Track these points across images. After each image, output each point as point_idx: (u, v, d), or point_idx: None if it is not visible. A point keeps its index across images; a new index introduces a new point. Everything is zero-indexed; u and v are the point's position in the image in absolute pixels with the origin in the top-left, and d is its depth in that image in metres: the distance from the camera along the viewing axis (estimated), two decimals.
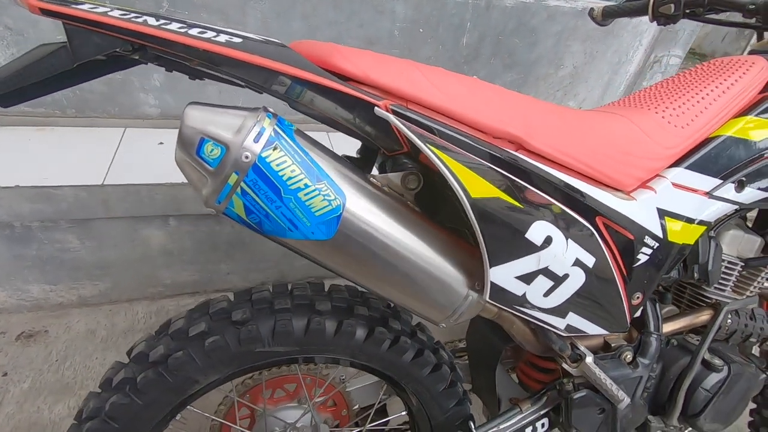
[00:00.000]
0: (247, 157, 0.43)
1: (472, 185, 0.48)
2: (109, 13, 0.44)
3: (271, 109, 0.49)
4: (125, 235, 1.30)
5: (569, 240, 0.56)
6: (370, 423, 0.91)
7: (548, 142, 0.57)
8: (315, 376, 0.86)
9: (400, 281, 0.53)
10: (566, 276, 0.57)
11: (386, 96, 0.50)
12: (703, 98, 0.71)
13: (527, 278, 0.54)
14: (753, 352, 0.93)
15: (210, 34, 0.46)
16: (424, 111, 0.51)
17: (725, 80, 0.73)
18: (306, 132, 0.52)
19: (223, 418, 0.84)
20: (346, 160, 0.51)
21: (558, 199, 0.55)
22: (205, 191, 0.45)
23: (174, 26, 0.46)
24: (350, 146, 0.65)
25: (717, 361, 0.78)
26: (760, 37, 1.01)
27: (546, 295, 0.57)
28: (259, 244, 1.49)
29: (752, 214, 0.87)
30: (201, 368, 0.62)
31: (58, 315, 1.38)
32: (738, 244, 0.84)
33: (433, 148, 0.47)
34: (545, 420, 0.79)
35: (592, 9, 1.14)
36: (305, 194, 0.45)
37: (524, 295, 0.56)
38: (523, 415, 0.78)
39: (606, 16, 1.12)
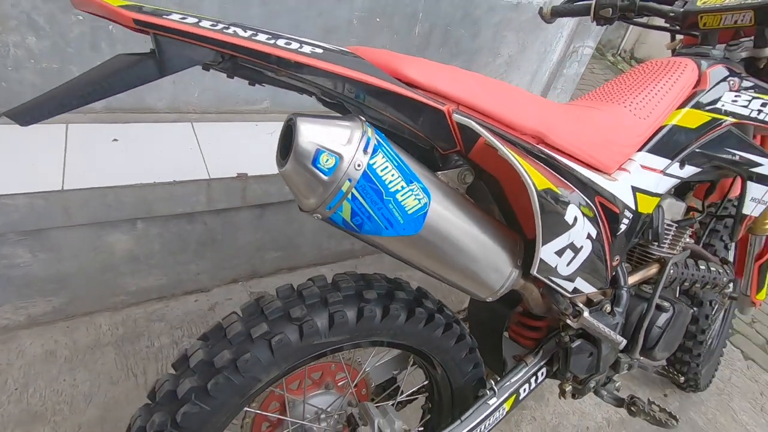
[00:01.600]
0: (359, 166, 0.46)
1: (536, 178, 0.57)
2: (201, 24, 0.44)
3: (362, 117, 0.52)
4: (86, 243, 1.18)
5: (585, 218, 0.68)
6: (385, 397, 0.98)
7: (563, 137, 0.68)
8: (340, 363, 0.91)
9: (463, 264, 0.60)
10: (582, 247, 0.70)
11: (448, 102, 0.56)
12: (656, 93, 0.87)
13: (560, 252, 0.65)
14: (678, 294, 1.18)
15: (295, 45, 0.48)
16: (479, 116, 0.58)
17: (670, 78, 0.90)
18: None
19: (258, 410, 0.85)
20: (420, 163, 0.56)
21: (576, 185, 0.67)
22: (314, 199, 0.47)
23: (263, 37, 0.46)
24: None
25: (665, 304, 0.99)
26: (672, 38, 1.24)
27: (568, 264, 0.69)
28: (231, 240, 1.45)
29: None
30: (265, 367, 0.63)
31: (4, 340, 1.21)
32: (671, 209, 1.04)
33: (509, 150, 0.54)
34: (543, 370, 0.94)
35: (541, 8, 1.28)
36: (401, 195, 0.50)
37: (556, 266, 0.67)
38: (527, 367, 0.92)
39: (553, 15, 1.27)
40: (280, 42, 0.47)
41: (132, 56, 0.44)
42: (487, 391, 0.85)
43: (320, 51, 0.49)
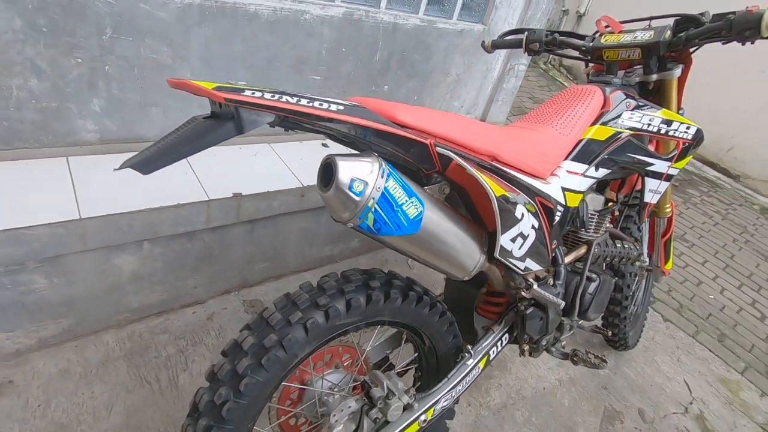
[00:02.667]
0: (379, 189, 0.67)
1: (494, 187, 0.80)
2: (265, 96, 0.63)
3: (376, 153, 0.72)
4: (96, 266, 1.28)
5: (529, 213, 0.93)
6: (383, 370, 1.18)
7: (510, 154, 0.92)
8: (346, 345, 1.10)
9: (447, 253, 0.83)
10: (528, 236, 0.94)
11: (429, 136, 0.78)
12: (574, 115, 1.15)
13: (513, 240, 0.89)
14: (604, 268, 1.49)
15: (325, 105, 0.67)
16: (450, 144, 0.80)
17: (583, 103, 1.18)
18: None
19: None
20: (415, 182, 0.77)
21: (522, 189, 0.91)
22: (348, 213, 0.67)
23: (304, 102, 0.65)
24: None
25: (593, 276, 1.27)
26: (586, 65, 1.54)
27: (520, 248, 0.93)
28: (225, 254, 1.59)
29: None
30: (302, 344, 0.82)
31: (16, 363, 1.28)
32: (593, 202, 1.34)
33: (474, 169, 0.77)
34: (506, 335, 1.18)
35: (483, 41, 1.56)
36: (406, 206, 0.71)
37: (511, 250, 0.91)
38: (494, 334, 1.16)
39: (493, 47, 1.55)
40: (315, 104, 0.67)
41: (212, 121, 0.61)
42: (465, 354, 1.08)
43: (342, 107, 0.69)
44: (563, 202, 1.06)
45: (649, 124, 1.24)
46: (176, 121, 1.54)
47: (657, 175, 1.31)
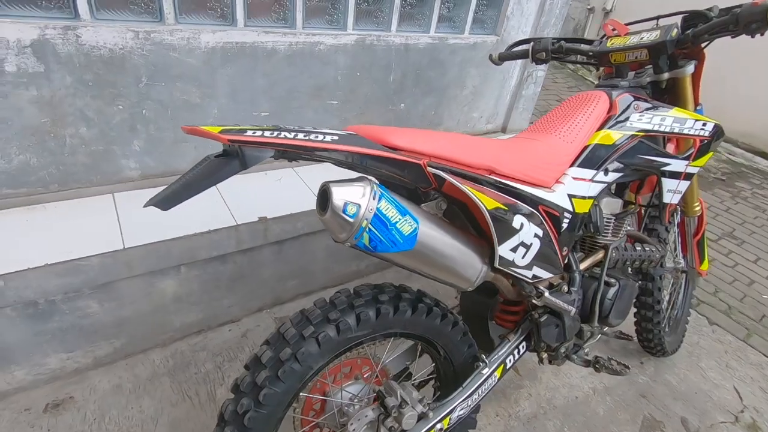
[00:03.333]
0: (371, 210, 0.73)
1: (486, 201, 0.84)
2: (265, 134, 0.70)
3: (371, 177, 0.78)
4: (142, 290, 1.42)
5: (530, 223, 0.95)
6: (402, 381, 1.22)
7: (508, 166, 0.95)
8: (365, 357, 1.15)
9: (447, 265, 0.87)
10: (531, 244, 0.96)
11: (423, 156, 0.83)
12: (578, 122, 1.16)
13: (514, 249, 0.92)
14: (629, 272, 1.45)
15: (320, 136, 0.74)
16: (444, 162, 0.85)
17: (587, 109, 1.19)
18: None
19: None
20: (410, 200, 0.83)
21: (520, 200, 0.94)
22: (344, 234, 0.73)
23: (301, 135, 0.73)
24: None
25: (612, 281, 1.25)
26: (597, 69, 1.54)
27: (523, 257, 0.96)
28: (257, 274, 1.69)
29: None
30: (315, 357, 0.88)
31: (77, 381, 1.43)
32: (609, 206, 1.32)
33: (465, 185, 0.81)
34: (523, 344, 1.19)
35: (491, 54, 1.59)
36: (400, 224, 0.76)
37: (513, 260, 0.93)
38: (510, 343, 1.17)
39: (501, 59, 1.58)
40: (311, 136, 0.74)
41: (222, 158, 0.70)
42: (481, 364, 1.10)
43: (336, 137, 0.76)
44: (570, 209, 1.07)
45: (660, 125, 1.22)
46: (205, 153, 1.68)
47: (675, 175, 1.28)
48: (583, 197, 1.11)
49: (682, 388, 1.78)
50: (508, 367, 1.16)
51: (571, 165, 1.10)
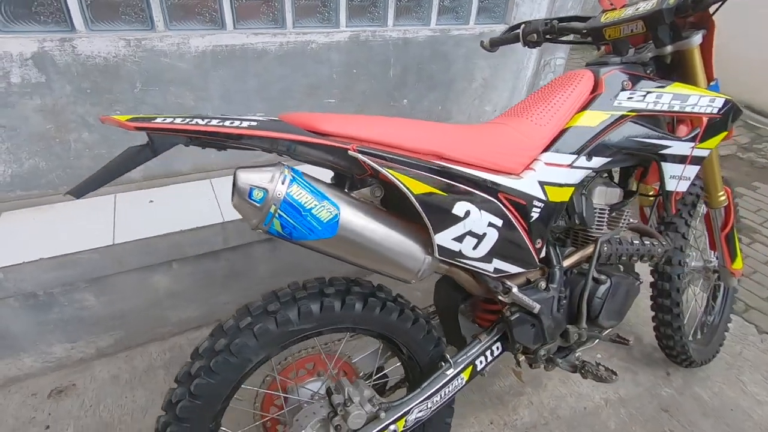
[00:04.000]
0: (279, 195, 0.70)
1: (414, 187, 0.78)
2: (175, 121, 0.70)
3: (285, 163, 0.76)
4: (135, 285, 1.49)
5: (482, 211, 0.88)
6: (373, 381, 1.17)
7: (458, 152, 0.89)
8: (329, 353, 1.12)
9: (381, 257, 0.82)
10: (484, 234, 0.89)
11: (355, 141, 0.79)
12: (554, 104, 1.06)
13: (459, 239, 0.85)
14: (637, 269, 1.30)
15: (237, 122, 0.73)
16: (379, 147, 0.80)
17: (567, 89, 1.08)
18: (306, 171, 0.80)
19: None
20: (335, 186, 0.79)
21: (470, 186, 0.87)
22: (255, 220, 0.71)
23: (215, 122, 0.72)
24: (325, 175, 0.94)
25: (602, 277, 1.13)
26: (598, 49, 1.41)
27: (474, 248, 0.88)
28: (252, 271, 1.72)
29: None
30: (253, 349, 0.86)
31: (81, 369, 1.53)
32: (604, 195, 1.19)
33: (386, 169, 0.77)
34: (498, 344, 1.10)
35: (482, 41, 1.51)
36: (316, 210, 0.73)
37: (460, 250, 0.86)
38: (482, 343, 1.08)
39: (492, 45, 1.49)
40: (227, 123, 0.73)
41: (135, 147, 0.71)
42: (444, 364, 1.02)
43: (255, 123, 0.74)
44: (542, 197, 0.98)
45: (656, 103, 1.09)
46: (206, 154, 1.74)
47: (678, 159, 1.14)
48: (560, 185, 1.01)
49: (714, 403, 1.57)
50: (479, 369, 1.07)
51: (545, 150, 1.01)
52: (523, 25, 1.38)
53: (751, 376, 1.69)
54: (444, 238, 0.83)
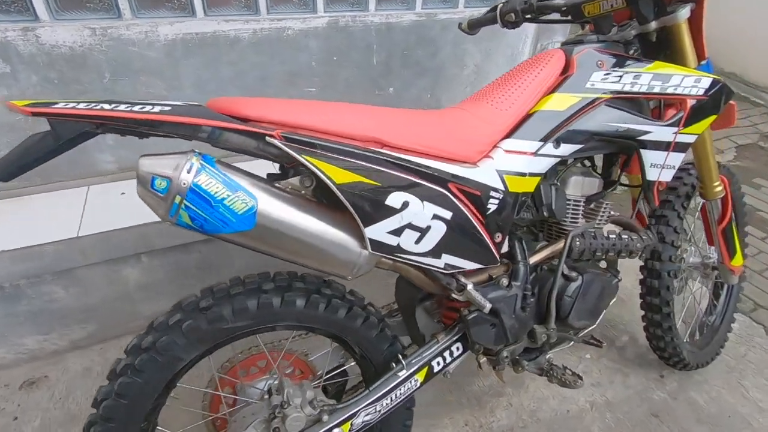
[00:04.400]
0: (184, 184, 0.65)
1: (336, 176, 0.72)
2: (77, 107, 0.66)
3: (197, 150, 0.71)
4: (104, 277, 1.47)
5: (425, 202, 0.81)
6: (330, 381, 1.12)
7: (402, 138, 0.82)
8: (281, 351, 1.08)
9: (310, 251, 0.76)
10: (429, 227, 0.82)
11: (281, 127, 0.73)
12: (518, 87, 0.98)
13: (396, 232, 0.79)
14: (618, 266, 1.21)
15: (148, 107, 0.68)
16: (308, 133, 0.74)
17: (534, 71, 1.00)
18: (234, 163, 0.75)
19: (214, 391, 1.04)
20: (256, 176, 0.74)
21: (412, 175, 0.80)
22: (161, 211, 0.67)
23: (123, 107, 0.67)
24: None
25: (573, 274, 1.04)
26: (582, 27, 1.31)
27: (417, 242, 0.81)
28: (228, 264, 1.69)
29: None
30: (183, 347, 0.82)
31: (54, 362, 1.53)
32: (580, 185, 1.10)
33: (305, 156, 0.71)
34: (458, 345, 1.03)
35: (460, 23, 1.42)
36: (228, 201, 0.67)
37: (398, 245, 0.80)
38: (440, 343, 1.02)
39: (471, 27, 1.40)
40: (136, 108, 0.68)
41: (38, 134, 0.67)
42: (396, 365, 0.96)
43: (168, 108, 0.69)
44: (501, 188, 0.91)
45: (633, 83, 1.00)
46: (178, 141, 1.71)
47: (659, 146, 1.04)
48: (522, 174, 0.93)
49: (710, 409, 1.47)
50: (435, 370, 1.01)
51: (506, 137, 0.93)
52: (500, 5, 1.29)
53: (754, 380, 1.57)
54: (376, 232, 0.77)
